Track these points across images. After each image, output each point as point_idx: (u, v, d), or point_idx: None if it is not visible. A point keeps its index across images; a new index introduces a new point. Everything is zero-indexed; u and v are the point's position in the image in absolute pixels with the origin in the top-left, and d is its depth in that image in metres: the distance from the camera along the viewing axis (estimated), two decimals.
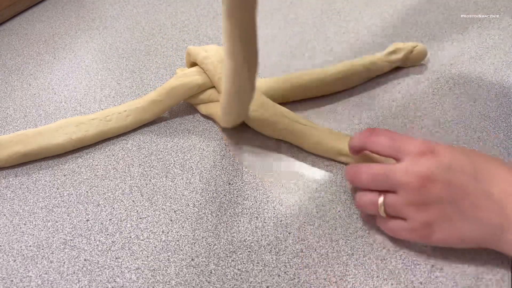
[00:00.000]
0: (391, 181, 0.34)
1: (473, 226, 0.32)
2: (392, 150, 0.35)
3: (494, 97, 0.51)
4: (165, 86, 0.49)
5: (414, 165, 0.33)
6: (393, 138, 0.36)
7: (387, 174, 0.35)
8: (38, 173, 0.46)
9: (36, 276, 0.37)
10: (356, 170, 0.37)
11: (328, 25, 0.64)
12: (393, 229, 0.36)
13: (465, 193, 0.32)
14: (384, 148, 0.36)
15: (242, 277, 0.36)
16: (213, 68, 0.47)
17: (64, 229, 0.40)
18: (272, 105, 0.46)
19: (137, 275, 0.37)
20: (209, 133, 0.49)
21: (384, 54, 0.54)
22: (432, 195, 0.33)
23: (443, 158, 0.33)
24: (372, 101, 0.51)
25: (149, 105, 0.48)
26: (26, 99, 0.55)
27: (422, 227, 0.34)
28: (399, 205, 0.34)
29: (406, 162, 0.34)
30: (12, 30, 0.68)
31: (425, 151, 0.34)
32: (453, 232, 0.33)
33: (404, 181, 0.33)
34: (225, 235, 0.39)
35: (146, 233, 0.40)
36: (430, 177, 0.33)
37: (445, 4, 0.67)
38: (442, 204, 0.33)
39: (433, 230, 0.34)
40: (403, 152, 0.35)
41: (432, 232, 0.34)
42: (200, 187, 0.43)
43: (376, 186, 0.36)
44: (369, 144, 0.37)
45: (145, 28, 0.67)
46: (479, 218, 0.32)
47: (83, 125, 0.47)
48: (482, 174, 0.33)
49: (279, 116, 0.45)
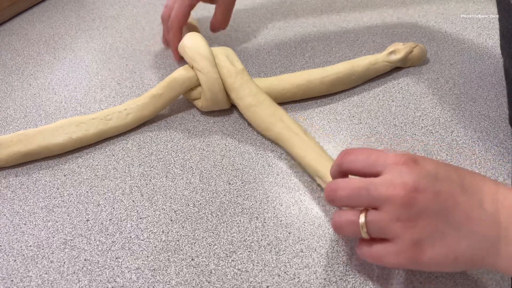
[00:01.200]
0: (373, 195, 0.30)
1: (468, 240, 0.29)
2: (370, 165, 0.32)
3: (494, 97, 0.51)
4: (165, 79, 0.49)
5: (398, 176, 0.30)
6: (370, 154, 0.32)
7: (368, 188, 0.31)
8: (38, 173, 0.46)
9: (36, 276, 0.37)
10: (334, 186, 0.33)
11: (328, 25, 0.64)
12: (378, 254, 0.31)
13: (456, 203, 0.29)
14: (361, 164, 0.33)
15: (242, 277, 0.36)
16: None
17: (64, 229, 0.40)
18: (274, 106, 0.47)
19: (137, 275, 0.37)
20: (209, 133, 0.49)
21: (384, 54, 0.54)
22: (420, 207, 0.29)
23: (428, 168, 0.30)
24: (372, 101, 0.51)
25: (149, 100, 0.49)
26: (26, 99, 0.55)
27: (411, 247, 0.29)
28: (384, 222, 0.30)
29: (389, 174, 0.30)
30: (12, 30, 0.68)
31: (407, 161, 0.30)
32: (446, 249, 0.29)
33: (389, 194, 0.30)
34: (225, 235, 0.39)
35: (146, 233, 0.40)
36: (417, 187, 0.29)
37: (445, 4, 0.67)
38: (432, 218, 0.29)
39: (423, 250, 0.29)
40: (383, 165, 0.31)
41: (423, 251, 0.29)
42: (200, 187, 0.43)
43: (356, 203, 0.32)
44: (345, 163, 0.34)
45: (145, 28, 0.67)
46: (474, 231, 0.29)
47: (83, 125, 0.47)
48: (469, 184, 0.30)
49: (276, 118, 0.46)
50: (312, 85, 0.50)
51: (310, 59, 0.58)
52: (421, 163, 0.30)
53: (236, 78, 0.47)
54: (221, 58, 0.49)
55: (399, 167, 0.30)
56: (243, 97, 0.47)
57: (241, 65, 0.49)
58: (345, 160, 0.34)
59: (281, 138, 0.45)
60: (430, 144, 0.45)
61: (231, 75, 0.48)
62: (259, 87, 0.48)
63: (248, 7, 0.70)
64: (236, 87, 0.47)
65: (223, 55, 0.49)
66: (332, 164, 0.36)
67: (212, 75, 0.48)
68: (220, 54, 0.49)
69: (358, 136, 0.47)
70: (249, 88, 0.47)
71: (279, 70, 0.57)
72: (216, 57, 0.49)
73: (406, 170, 0.30)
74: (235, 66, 0.48)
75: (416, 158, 0.31)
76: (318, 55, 0.59)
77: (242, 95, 0.47)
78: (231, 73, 0.48)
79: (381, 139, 0.46)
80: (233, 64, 0.48)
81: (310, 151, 0.43)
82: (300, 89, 0.50)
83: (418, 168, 0.30)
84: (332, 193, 0.33)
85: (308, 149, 0.43)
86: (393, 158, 0.31)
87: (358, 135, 0.47)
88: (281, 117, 0.46)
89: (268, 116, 0.46)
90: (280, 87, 0.50)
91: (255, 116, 0.46)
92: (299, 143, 0.43)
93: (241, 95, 0.47)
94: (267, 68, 0.57)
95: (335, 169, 0.35)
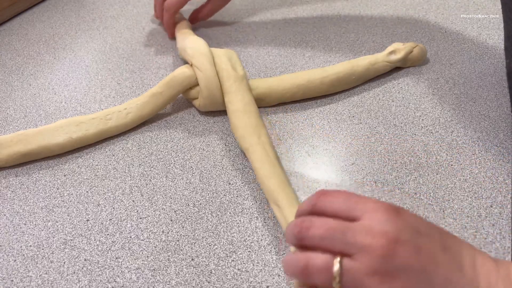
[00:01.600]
0: (349, 241, 0.27)
1: None
2: (348, 209, 0.29)
3: (494, 97, 0.51)
4: (165, 78, 0.50)
5: (379, 224, 0.27)
6: (349, 197, 0.30)
7: (344, 232, 0.28)
8: (38, 173, 0.46)
9: (36, 276, 0.37)
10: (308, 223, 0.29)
11: (328, 25, 0.64)
12: None
13: (436, 264, 0.27)
14: (338, 206, 0.29)
15: (242, 277, 0.36)
16: None
17: (64, 229, 0.40)
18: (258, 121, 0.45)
19: (137, 275, 0.37)
20: (209, 133, 0.49)
21: (384, 54, 0.54)
22: (400, 262, 0.26)
23: (410, 220, 0.28)
24: (372, 101, 0.51)
25: (149, 99, 0.49)
26: (26, 99, 0.55)
27: None
28: (359, 274, 0.27)
29: (367, 221, 0.28)
30: (12, 30, 0.68)
31: (389, 210, 0.28)
32: None
33: (367, 242, 0.27)
34: (225, 235, 0.39)
35: (146, 233, 0.40)
36: (398, 238, 0.27)
37: (445, 4, 0.67)
38: (412, 276, 0.26)
39: None
40: (362, 209, 0.28)
41: None
42: (200, 187, 0.43)
43: (328, 246, 0.28)
44: (320, 204, 0.30)
45: (145, 28, 0.67)
46: None
47: (83, 125, 0.47)
48: (450, 244, 0.28)
49: (255, 132, 0.44)
50: (312, 85, 0.50)
51: (310, 59, 0.58)
52: (403, 214, 0.28)
53: (234, 83, 0.47)
54: (223, 59, 0.49)
55: (380, 214, 0.28)
56: (234, 101, 0.47)
57: (242, 71, 0.49)
58: (321, 200, 0.31)
59: (252, 152, 0.43)
60: (430, 144, 0.45)
61: (230, 79, 0.48)
62: (253, 99, 0.48)
63: (248, 7, 0.70)
64: (231, 91, 0.47)
65: (225, 57, 0.49)
66: (303, 202, 0.32)
67: (209, 72, 0.48)
68: (222, 56, 0.49)
69: (358, 136, 0.47)
70: (242, 95, 0.47)
71: (279, 70, 0.57)
72: (218, 58, 0.49)
73: (387, 218, 0.27)
74: (236, 71, 0.48)
75: (398, 208, 0.29)
76: (318, 55, 0.59)
77: (233, 100, 0.47)
78: (230, 77, 0.48)
79: (381, 139, 0.46)
80: (234, 68, 0.49)
81: (275, 177, 0.40)
82: (300, 89, 0.50)
83: (400, 218, 0.28)
84: (305, 230, 0.29)
85: (273, 174, 0.40)
86: (373, 204, 0.28)
87: (358, 135, 0.47)
88: (260, 134, 0.44)
89: (248, 126, 0.45)
90: (280, 87, 0.50)
91: (237, 121, 0.46)
92: (266, 165, 0.41)
93: (233, 99, 0.47)
94: (267, 68, 0.57)
95: (306, 208, 0.31)
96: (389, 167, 0.44)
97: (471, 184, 0.41)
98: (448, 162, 0.43)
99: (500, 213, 0.39)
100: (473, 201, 0.40)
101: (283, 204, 0.38)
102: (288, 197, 0.38)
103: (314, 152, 0.46)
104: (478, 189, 0.41)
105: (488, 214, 0.39)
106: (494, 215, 0.39)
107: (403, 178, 0.42)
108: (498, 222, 0.38)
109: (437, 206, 0.40)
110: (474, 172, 0.42)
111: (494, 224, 0.38)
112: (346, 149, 0.46)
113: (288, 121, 0.49)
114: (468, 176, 0.42)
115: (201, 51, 0.49)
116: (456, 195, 0.41)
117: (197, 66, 0.48)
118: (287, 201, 0.38)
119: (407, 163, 0.44)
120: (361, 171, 0.43)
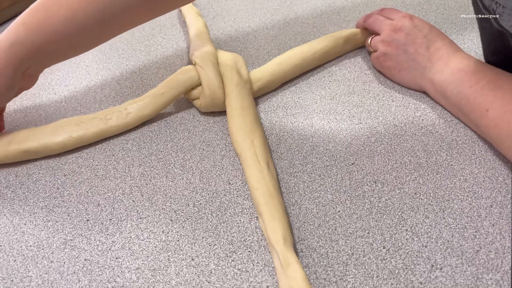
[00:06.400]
0: (379, 27, 0.53)
1: (409, 62, 0.49)
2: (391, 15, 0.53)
3: None
4: (167, 78, 0.50)
5: (397, 22, 0.51)
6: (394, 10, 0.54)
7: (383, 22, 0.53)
8: (38, 173, 0.46)
9: (36, 276, 0.37)
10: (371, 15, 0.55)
11: (328, 25, 0.64)
12: (372, 57, 0.54)
13: (414, 42, 0.49)
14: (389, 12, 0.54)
15: (242, 277, 0.36)
16: None
17: (64, 229, 0.40)
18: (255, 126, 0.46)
19: (137, 275, 0.37)
20: (209, 133, 0.49)
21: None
22: (396, 37, 0.50)
23: (415, 21, 0.50)
24: (372, 101, 0.51)
25: (149, 99, 0.49)
26: (26, 99, 0.55)
27: (381, 55, 0.52)
28: (376, 41, 0.53)
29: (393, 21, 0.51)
30: None
31: (406, 16, 0.51)
32: (396, 62, 0.50)
33: (385, 27, 0.52)
34: (225, 235, 0.39)
35: (146, 233, 0.40)
36: (400, 28, 0.50)
37: (445, 4, 0.67)
38: (399, 45, 0.50)
39: (386, 60, 0.52)
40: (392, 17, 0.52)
41: (385, 61, 0.52)
42: (200, 187, 0.43)
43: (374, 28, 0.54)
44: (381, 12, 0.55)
45: (145, 28, 0.67)
46: (416, 60, 0.49)
47: (84, 124, 0.47)
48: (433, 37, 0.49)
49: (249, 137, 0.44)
50: (306, 63, 0.55)
51: None
52: (414, 19, 0.50)
53: (236, 88, 0.48)
54: (229, 63, 0.50)
55: (400, 19, 0.51)
56: (233, 105, 0.47)
57: (246, 76, 0.49)
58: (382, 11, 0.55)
59: (244, 159, 0.43)
60: (430, 144, 0.45)
61: (232, 83, 0.48)
62: (253, 102, 0.49)
63: (248, 7, 0.70)
64: (232, 95, 0.48)
65: (232, 60, 0.50)
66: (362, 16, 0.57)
67: (212, 70, 0.48)
68: (229, 60, 0.50)
69: (358, 136, 0.47)
70: (242, 99, 0.47)
71: None
72: (224, 60, 0.50)
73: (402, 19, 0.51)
74: (241, 76, 0.49)
75: (412, 16, 0.51)
76: None
77: (233, 104, 0.47)
78: (233, 81, 0.48)
79: (381, 139, 0.46)
80: (239, 73, 0.49)
81: (261, 187, 0.40)
82: (298, 68, 0.54)
83: (409, 20, 0.50)
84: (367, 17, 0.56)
85: (260, 185, 0.40)
86: (399, 13, 0.52)
87: (358, 135, 0.47)
88: (253, 140, 0.44)
89: (242, 131, 0.45)
90: (282, 71, 0.53)
91: (232, 125, 0.46)
92: (256, 174, 0.41)
93: (232, 103, 0.47)
94: None
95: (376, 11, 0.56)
96: (389, 167, 0.44)
97: (471, 184, 0.41)
98: (448, 162, 0.43)
99: (500, 213, 0.39)
100: (473, 201, 0.40)
101: (265, 217, 0.38)
102: (271, 210, 0.38)
103: (314, 152, 0.46)
104: (478, 189, 0.41)
105: (488, 214, 0.39)
106: (494, 215, 0.39)
107: (403, 178, 0.42)
108: (498, 222, 0.38)
109: (437, 206, 0.40)
110: (474, 172, 0.42)
111: (494, 224, 0.38)
112: (346, 149, 0.46)
113: (288, 121, 0.50)
114: (468, 176, 0.42)
115: (206, 50, 0.50)
116: (456, 195, 0.41)
117: (200, 64, 0.49)
118: (269, 215, 0.38)
119: (407, 163, 0.44)
120: (361, 171, 0.43)
